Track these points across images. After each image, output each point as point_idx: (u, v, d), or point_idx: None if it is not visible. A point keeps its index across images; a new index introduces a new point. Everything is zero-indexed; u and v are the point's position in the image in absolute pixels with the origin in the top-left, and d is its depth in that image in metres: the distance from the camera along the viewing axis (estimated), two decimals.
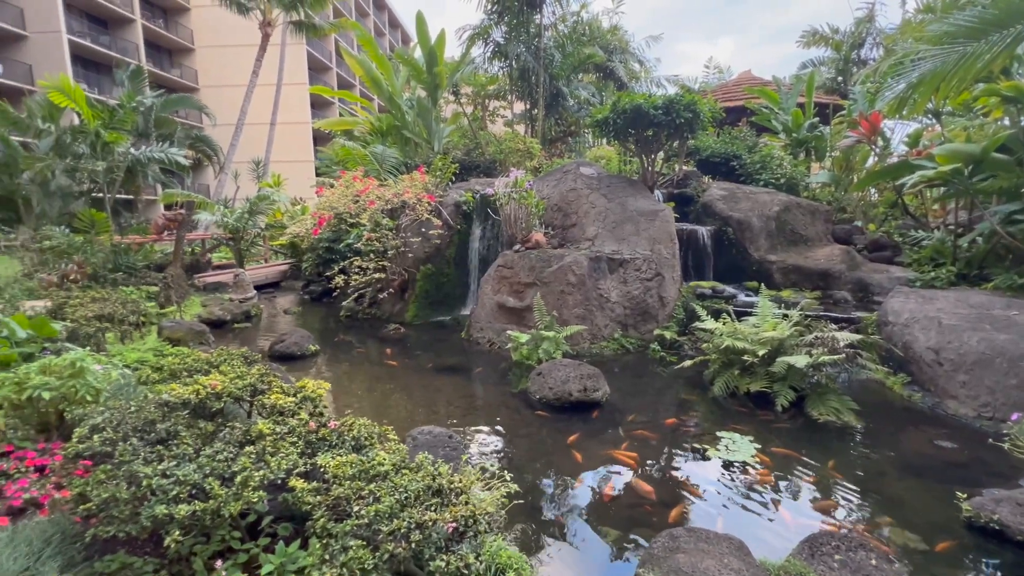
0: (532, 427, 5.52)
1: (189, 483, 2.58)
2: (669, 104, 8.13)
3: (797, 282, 8.50)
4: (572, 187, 9.12)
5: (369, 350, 8.77)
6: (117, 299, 8.27)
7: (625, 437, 5.19)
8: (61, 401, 4.28)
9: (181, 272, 10.20)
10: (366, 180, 10.63)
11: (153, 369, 4.65)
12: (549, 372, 6.06)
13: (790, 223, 9.09)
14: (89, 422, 3.29)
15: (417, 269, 10.51)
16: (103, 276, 9.26)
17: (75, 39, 28.62)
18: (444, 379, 7.23)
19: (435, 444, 4.35)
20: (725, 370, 6.22)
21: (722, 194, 9.49)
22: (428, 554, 2.24)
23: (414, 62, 15.47)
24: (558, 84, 17.26)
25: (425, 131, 16.40)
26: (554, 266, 7.93)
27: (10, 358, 5.47)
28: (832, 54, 21.06)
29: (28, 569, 2.55)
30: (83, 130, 10.76)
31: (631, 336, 8.07)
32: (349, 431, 3.24)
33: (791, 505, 4.03)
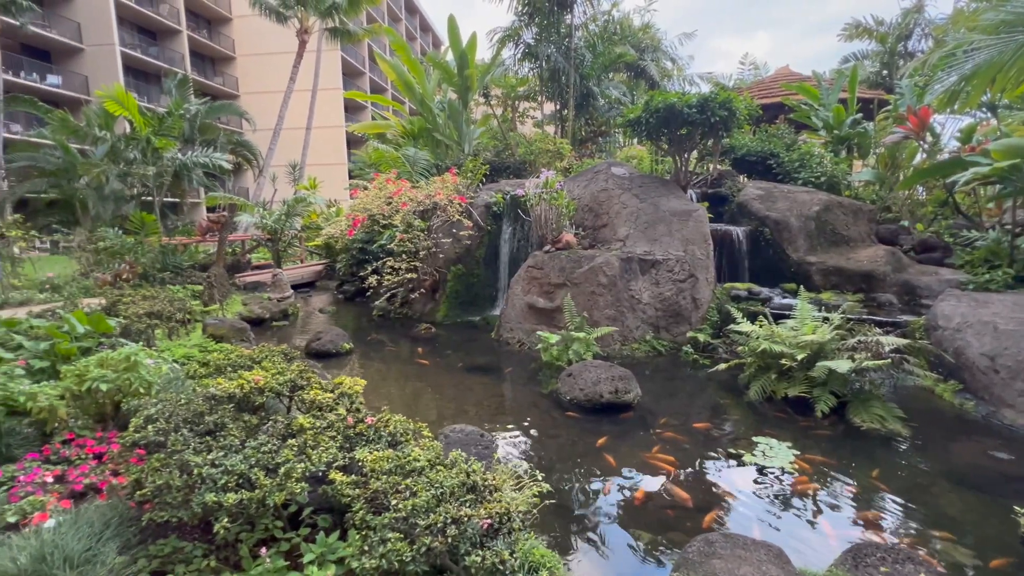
0: (562, 428, 5.51)
1: (236, 473, 2.70)
2: (704, 102, 7.98)
3: (838, 284, 8.20)
4: (603, 187, 9.06)
5: (401, 349, 8.93)
6: (165, 297, 8.68)
7: (657, 440, 5.13)
8: (117, 393, 4.54)
9: (223, 272, 10.62)
10: (399, 182, 10.82)
11: (200, 364, 4.87)
12: (580, 373, 6.04)
13: (831, 223, 8.78)
14: (144, 413, 3.47)
15: (448, 270, 10.64)
16: (152, 275, 9.75)
17: (127, 51, 30.19)
18: (474, 378, 7.29)
19: (467, 442, 4.40)
20: (761, 374, 6.06)
21: (758, 193, 9.23)
22: (464, 549, 2.28)
23: (445, 65, 15.67)
24: (588, 84, 17.17)
25: (456, 133, 16.58)
26: (584, 267, 7.89)
27: (70, 352, 5.82)
28: (876, 47, 20.21)
29: (90, 549, 2.72)
30: (135, 137, 11.37)
31: (663, 338, 7.95)
32: (385, 427, 3.32)
33: (832, 514, 3.90)
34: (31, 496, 3.46)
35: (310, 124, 27.52)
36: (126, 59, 30.17)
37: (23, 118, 25.29)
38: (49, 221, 14.22)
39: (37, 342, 5.77)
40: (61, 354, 5.75)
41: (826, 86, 11.39)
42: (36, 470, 3.82)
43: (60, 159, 13.59)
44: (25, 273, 11.75)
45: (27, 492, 3.56)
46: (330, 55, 38.81)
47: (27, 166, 13.61)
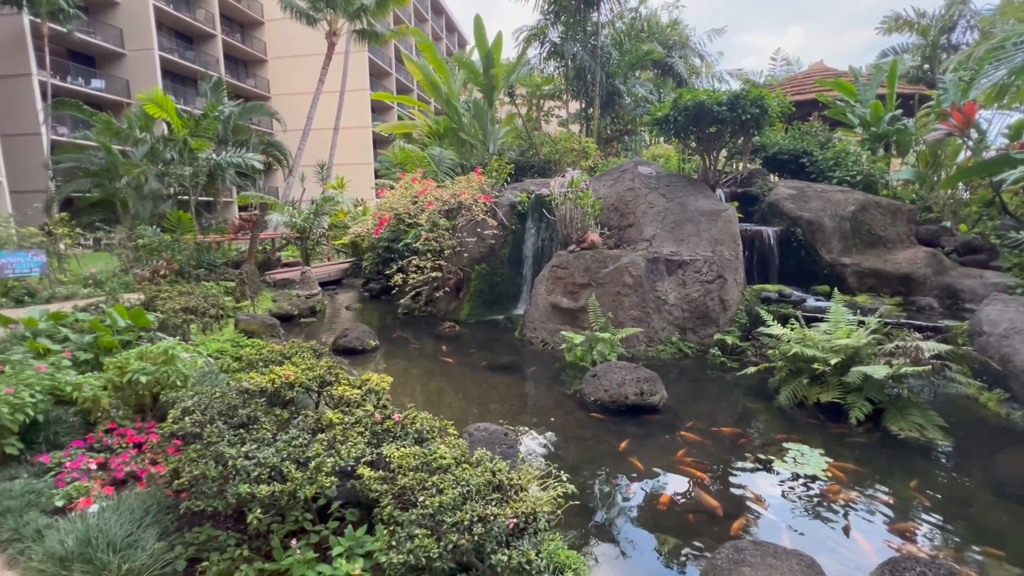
0: (586, 429, 5.48)
1: (269, 465, 2.77)
2: (734, 99, 7.79)
3: (874, 287, 7.91)
4: (629, 186, 8.95)
5: (425, 346, 9.01)
6: (200, 293, 8.98)
7: (683, 443, 5.05)
8: (155, 385, 4.71)
9: (255, 269, 10.91)
10: (424, 182, 10.93)
11: (233, 359, 5.02)
12: (604, 374, 5.99)
13: (867, 223, 8.47)
14: (181, 405, 3.59)
15: (472, 268, 10.69)
16: (188, 272, 10.09)
17: (165, 55, 31.29)
18: (498, 377, 7.31)
19: (491, 441, 4.41)
20: (792, 378, 5.89)
21: (790, 193, 8.98)
22: (489, 547, 2.28)
23: (471, 65, 15.75)
24: (615, 82, 17.00)
25: (481, 133, 16.64)
26: (610, 267, 7.82)
27: (112, 344, 6.07)
28: (917, 40, 19.43)
29: (131, 535, 2.83)
30: (172, 138, 11.79)
31: (689, 340, 7.82)
32: (412, 424, 3.36)
33: (867, 525, 3.77)
34: (77, 482, 3.62)
35: (338, 125, 28.01)
36: (164, 63, 31.27)
37: (69, 121, 26.48)
38: (92, 219, 14.87)
39: (82, 335, 6.04)
40: (104, 347, 6.00)
41: (863, 81, 11.00)
42: (81, 457, 4.00)
43: (103, 160, 14.19)
44: (70, 269, 12.31)
45: (73, 478, 3.73)
46: (357, 56, 39.39)
47: (73, 167, 14.25)
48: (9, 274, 10.13)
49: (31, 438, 4.22)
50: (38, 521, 3.17)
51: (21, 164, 22.83)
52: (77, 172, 14.79)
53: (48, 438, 4.31)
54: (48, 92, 19.50)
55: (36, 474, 3.87)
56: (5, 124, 22.16)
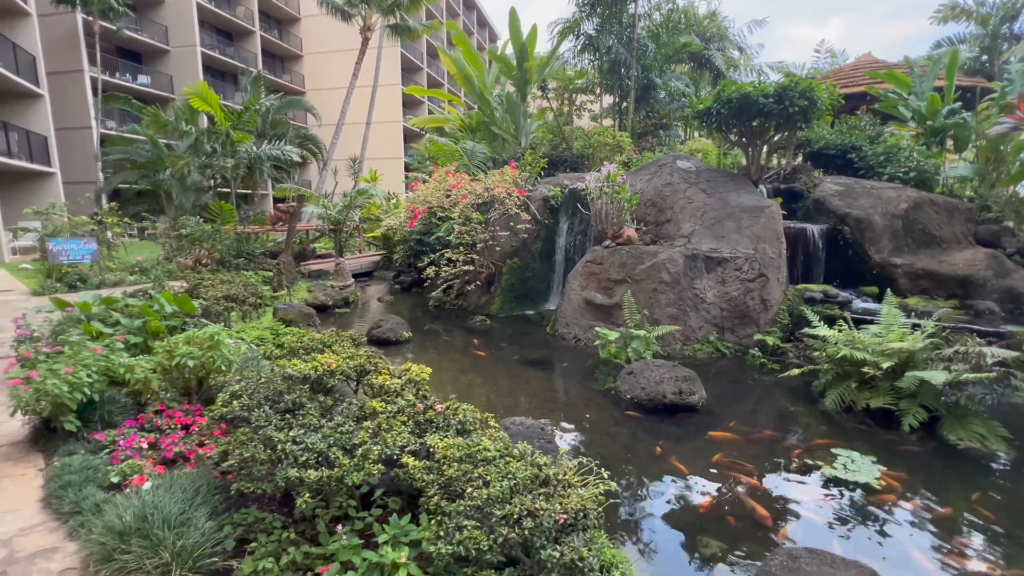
0: (623, 427, 5.38)
1: (316, 451, 2.80)
2: (782, 91, 7.48)
3: (927, 289, 7.51)
4: (668, 181, 8.75)
5: (457, 339, 9.05)
6: (240, 282, 9.22)
7: (724, 445, 4.90)
8: (201, 369, 4.84)
9: (291, 260, 11.16)
10: (458, 175, 10.94)
11: (275, 346, 5.12)
12: (641, 372, 5.88)
13: (921, 222, 8.04)
14: (229, 389, 3.67)
15: (503, 263, 10.66)
16: (228, 261, 10.39)
17: (206, 51, 32.27)
18: (531, 372, 7.27)
19: (528, 435, 4.37)
20: (839, 382, 5.66)
21: (837, 189, 8.60)
22: (539, 543, 2.24)
23: (505, 58, 15.66)
24: (650, 75, 16.65)
25: (513, 127, 16.57)
26: (646, 263, 7.66)
27: (159, 329, 6.27)
28: (975, 30, 18.36)
29: (184, 513, 2.90)
30: (216, 131, 12.14)
31: (727, 340, 7.61)
32: (455, 415, 3.34)
33: (926, 538, 3.57)
34: (130, 460, 3.75)
35: (370, 119, 28.36)
36: (205, 59, 32.25)
37: (117, 115, 27.61)
38: (138, 209, 15.49)
39: (132, 319, 6.27)
40: (152, 331, 6.21)
41: (919, 73, 10.45)
42: (133, 436, 4.14)
43: (149, 152, 14.75)
44: (118, 257, 12.86)
45: (126, 456, 3.86)
46: (390, 51, 39.76)
47: (121, 159, 14.85)
48: (64, 260, 10.63)
49: (87, 416, 4.39)
50: (96, 496, 3.29)
51: (73, 156, 23.94)
52: (125, 164, 15.41)
53: (103, 417, 4.48)
54: (99, 87, 20.35)
55: (92, 451, 4.02)
56: (59, 118, 23.26)
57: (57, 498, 3.34)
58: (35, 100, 19.26)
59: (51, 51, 23.64)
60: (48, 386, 3.93)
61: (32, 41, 18.94)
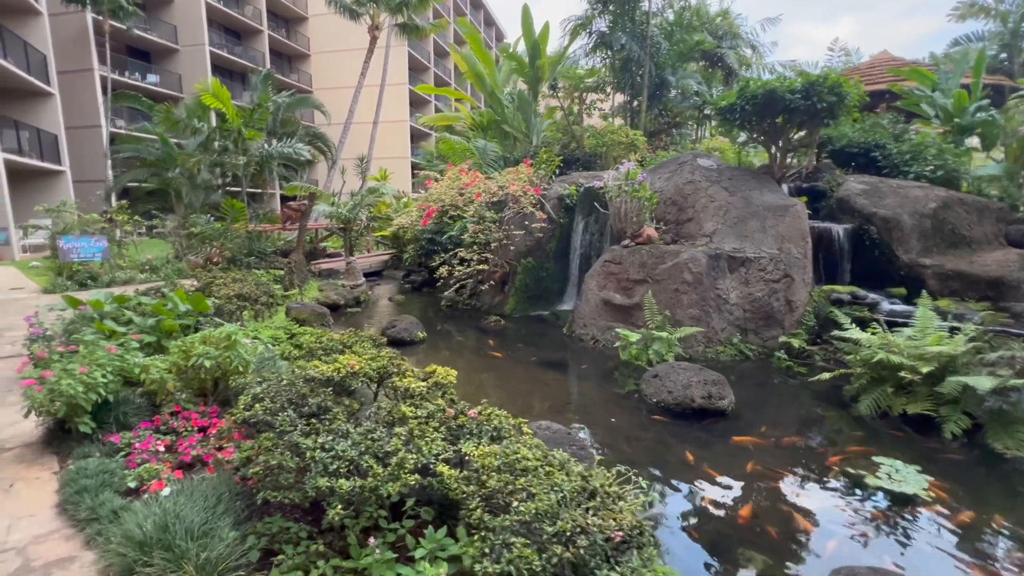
0: (649, 431, 5.21)
1: (347, 459, 2.64)
2: (809, 87, 7.27)
3: (958, 291, 7.29)
4: (689, 179, 8.55)
5: (471, 340, 8.89)
6: (252, 281, 9.11)
7: (756, 452, 4.72)
8: (217, 370, 4.70)
9: (303, 259, 11.04)
10: (471, 173, 10.80)
11: (293, 346, 4.98)
12: (667, 375, 5.70)
13: (950, 222, 7.81)
14: (251, 391, 3.52)
15: (518, 262, 10.50)
16: (239, 260, 10.28)
17: (215, 50, 32.29)
18: (549, 374, 7.11)
19: (557, 440, 4.21)
20: (874, 387, 5.46)
21: (862, 188, 8.38)
22: (593, 562, 2.07)
23: (517, 56, 15.49)
24: (663, 73, 16.45)
25: (524, 125, 16.40)
26: (668, 263, 7.48)
27: (173, 328, 6.15)
28: (995, 27, 18.04)
29: (207, 523, 2.76)
30: (227, 128, 12.04)
31: (751, 342, 7.41)
32: (488, 421, 3.18)
33: (982, 553, 3.38)
34: (147, 464, 3.61)
35: (377, 118, 28.24)
36: (214, 58, 32.26)
37: (126, 114, 27.65)
38: (148, 208, 15.43)
39: (145, 318, 6.15)
40: (165, 330, 6.09)
41: (944, 70, 10.21)
42: (149, 439, 4.01)
43: (159, 150, 14.68)
44: (128, 255, 12.79)
45: (143, 459, 3.72)
46: (397, 51, 39.64)
47: (131, 156, 14.79)
48: (75, 258, 10.55)
49: (102, 418, 4.26)
50: (113, 502, 3.15)
51: (82, 155, 23.97)
52: (135, 162, 15.35)
53: (118, 418, 4.35)
54: (108, 86, 20.36)
55: (107, 453, 3.89)
56: (69, 117, 23.28)
57: (73, 504, 3.20)
58: (46, 99, 19.27)
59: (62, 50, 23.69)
60: (63, 386, 3.80)
61: (43, 40, 18.95)
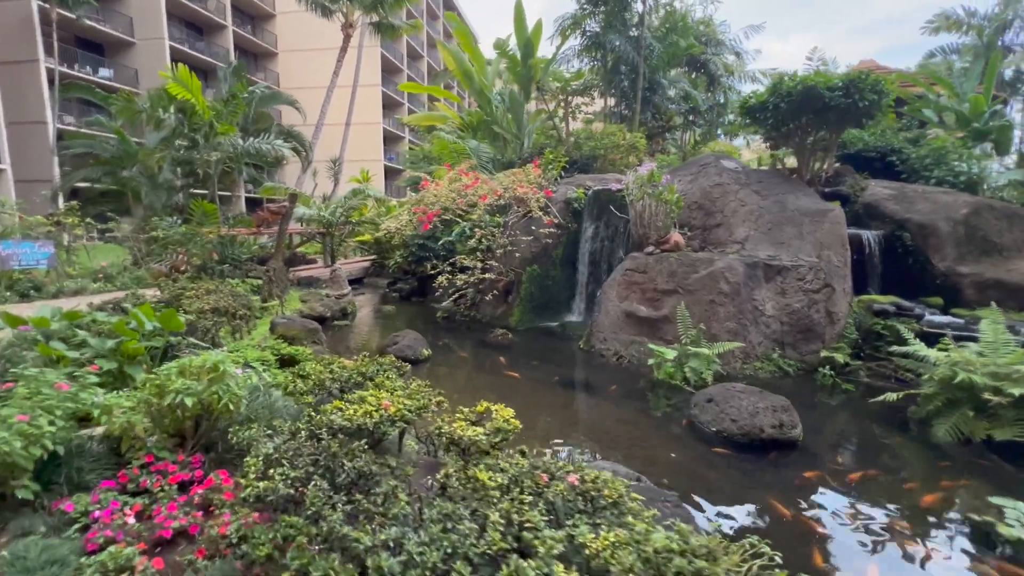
0: (717, 470, 4.52)
1: (429, 567, 1.82)
2: (850, 84, 6.84)
3: (997, 300, 6.95)
4: (717, 182, 8.02)
5: (480, 357, 8.07)
6: (227, 292, 8.03)
7: (850, 493, 4.10)
8: (199, 407, 3.75)
9: (283, 266, 9.97)
10: (472, 174, 10.01)
11: (297, 376, 4.07)
12: (725, 399, 5.04)
13: (982, 228, 7.54)
14: (260, 451, 2.64)
15: (523, 270, 9.74)
16: (211, 267, 9.15)
17: (175, 45, 30.34)
18: (580, 398, 6.38)
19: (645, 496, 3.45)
20: (951, 410, 4.95)
21: (890, 193, 8.04)
22: None
23: (509, 54, 14.79)
24: (656, 76, 16.10)
25: (515, 126, 15.73)
26: (701, 272, 6.88)
27: (138, 352, 5.12)
28: (970, 40, 18.55)
29: None
30: (197, 122, 10.83)
31: (789, 357, 6.88)
32: (595, 487, 2.40)
33: None
34: (113, 546, 2.67)
35: (350, 120, 27.06)
36: (174, 53, 30.30)
37: (76, 109, 25.53)
38: (101, 210, 13.91)
39: (102, 340, 5.09)
40: (128, 354, 5.06)
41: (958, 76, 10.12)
42: (113, 504, 3.05)
43: (114, 147, 13.26)
44: (79, 262, 11.37)
45: (106, 537, 2.78)
46: (370, 51, 38.40)
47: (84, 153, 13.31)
48: (15, 266, 9.18)
49: (49, 476, 3.28)
50: None
51: (26, 153, 21.88)
52: (87, 160, 13.84)
53: (70, 476, 3.36)
54: (56, 79, 18.57)
55: (57, 527, 2.94)
56: (10, 111, 21.18)
57: None
58: None
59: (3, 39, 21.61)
60: None
61: None
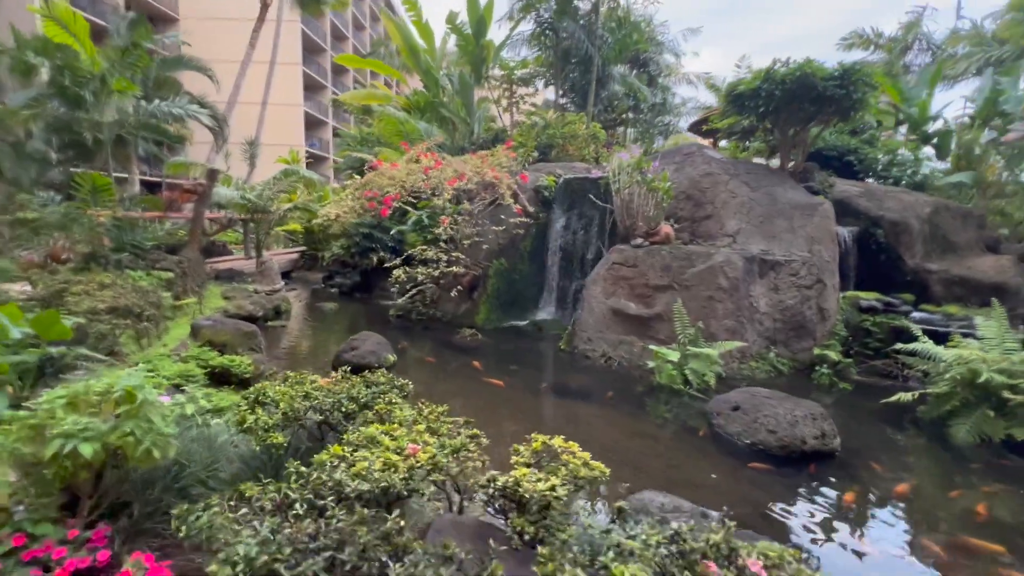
0: (761, 488, 3.96)
1: None
2: (844, 74, 6.69)
3: (962, 296, 7.22)
4: (707, 171, 7.62)
5: (451, 361, 7.08)
6: (130, 287, 6.35)
7: (907, 509, 3.71)
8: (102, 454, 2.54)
9: (199, 256, 8.26)
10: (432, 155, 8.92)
11: (254, 402, 2.91)
12: (756, 407, 4.54)
13: (942, 227, 7.82)
14: (238, 551, 1.57)
15: (490, 263, 8.84)
16: (105, 257, 7.29)
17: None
18: (577, 408, 5.63)
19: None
20: (969, 410, 4.80)
21: (859, 191, 8.15)
22: None
23: (461, 31, 13.68)
24: (610, 68, 15.79)
25: (464, 110, 14.69)
26: (699, 266, 6.40)
27: (1, 370, 3.66)
28: (879, 57, 20.25)
29: None
30: (81, 76, 8.64)
31: (782, 356, 6.62)
32: None
33: None
34: None
35: (266, 99, 24.36)
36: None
37: None
38: None
39: None
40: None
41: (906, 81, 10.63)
42: None
43: None
44: None
45: None
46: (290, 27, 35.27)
47: None
48: None
49: None
50: None
51: None
52: None
53: None
54: None
55: None
56: None
57: None
58: None
59: None
60: None
61: None
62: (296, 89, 40.19)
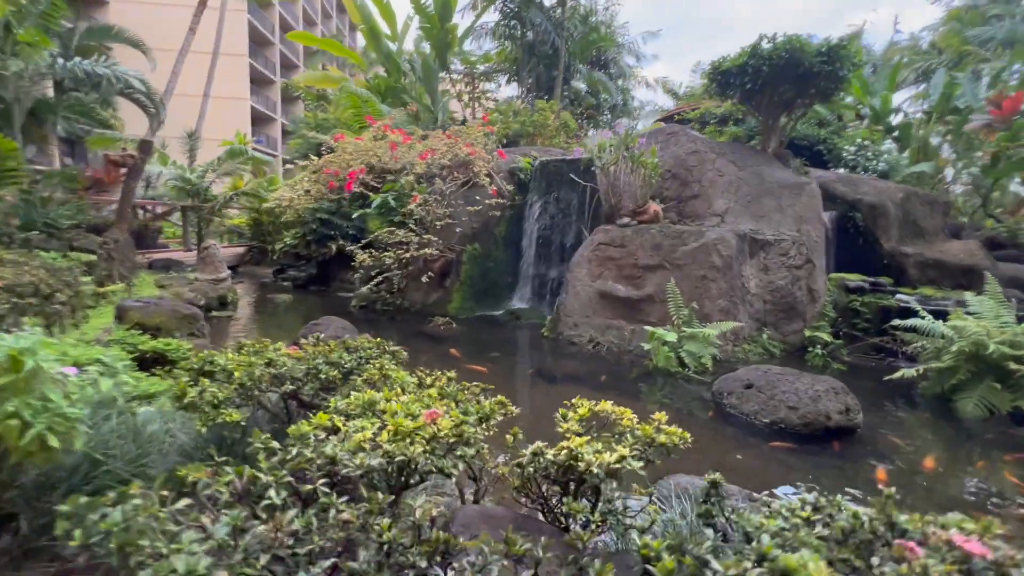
0: (792, 470, 3.59)
1: None
2: (831, 51, 6.60)
3: (935, 279, 7.31)
4: (693, 149, 7.35)
5: (425, 350, 6.41)
6: (39, 266, 5.31)
7: (941, 481, 3.43)
8: None
9: (128, 238, 7.18)
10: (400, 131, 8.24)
11: (197, 373, 2.20)
12: (772, 384, 4.20)
13: (912, 213, 7.95)
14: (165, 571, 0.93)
15: (463, 248, 8.24)
16: (10, 235, 6.14)
17: None
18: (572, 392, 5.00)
19: None
20: (975, 383, 4.67)
21: (836, 176, 8.18)
22: None
23: (427, 11, 13.01)
24: (576, 63, 15.60)
25: (427, 97, 14.03)
26: (691, 244, 6.08)
27: None
28: None
29: None
30: None
31: (772, 337, 6.40)
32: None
33: None
34: None
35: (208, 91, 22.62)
36: None
37: None
38: None
39: None
40: None
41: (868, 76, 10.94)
42: None
43: None
44: None
45: None
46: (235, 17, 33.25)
47: None
48: None
49: None
50: None
51: None
52: None
53: None
54: None
55: None
56: None
57: None
58: None
59: None
60: None
61: None
62: (242, 82, 38.00)
